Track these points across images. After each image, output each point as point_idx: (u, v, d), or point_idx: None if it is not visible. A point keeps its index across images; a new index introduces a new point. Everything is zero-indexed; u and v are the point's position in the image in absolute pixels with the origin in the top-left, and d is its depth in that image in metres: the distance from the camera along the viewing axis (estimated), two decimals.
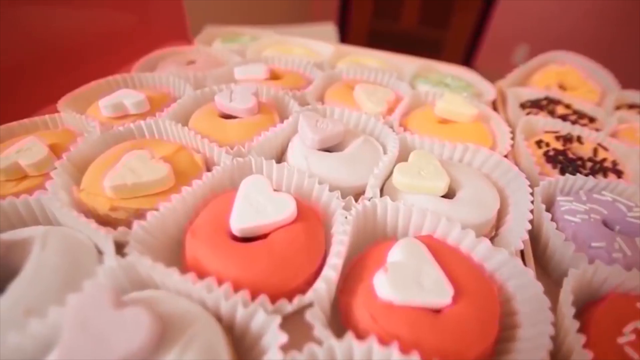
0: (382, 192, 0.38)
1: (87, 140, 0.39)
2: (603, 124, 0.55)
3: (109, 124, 0.43)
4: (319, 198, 0.35)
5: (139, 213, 0.32)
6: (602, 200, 0.37)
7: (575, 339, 0.25)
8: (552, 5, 2.07)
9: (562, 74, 0.66)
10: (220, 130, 0.42)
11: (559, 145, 0.46)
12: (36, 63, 0.62)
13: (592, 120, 0.55)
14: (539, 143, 0.46)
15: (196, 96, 0.49)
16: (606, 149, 0.46)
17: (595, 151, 0.45)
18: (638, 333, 0.26)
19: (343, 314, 0.28)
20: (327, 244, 0.32)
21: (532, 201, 0.35)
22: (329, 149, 0.41)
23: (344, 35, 2.19)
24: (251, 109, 0.44)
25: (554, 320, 0.25)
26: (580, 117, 0.54)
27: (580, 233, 0.34)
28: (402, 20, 2.21)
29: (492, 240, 0.35)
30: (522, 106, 0.58)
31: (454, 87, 0.61)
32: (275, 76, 0.58)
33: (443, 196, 0.36)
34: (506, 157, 0.43)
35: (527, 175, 0.38)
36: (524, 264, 0.30)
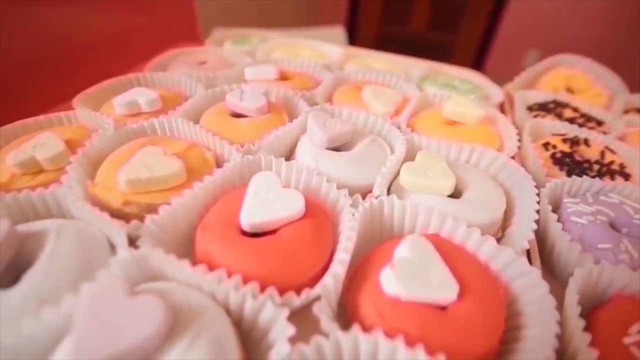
0: (389, 192, 0.38)
1: (101, 137, 0.40)
2: (611, 128, 0.55)
3: (123, 122, 0.44)
4: (327, 195, 0.35)
5: (151, 208, 0.33)
6: (609, 202, 0.37)
7: (581, 339, 0.25)
8: (562, 10, 2.06)
9: (570, 78, 0.66)
10: (230, 128, 0.43)
11: (566, 148, 0.46)
12: (50, 62, 0.63)
13: (599, 123, 0.55)
14: (545, 145, 0.46)
15: (207, 95, 0.49)
16: (614, 152, 0.46)
17: (602, 154, 0.45)
18: None
19: (349, 310, 0.28)
20: (334, 241, 0.32)
21: (538, 202, 0.35)
22: (337, 149, 0.42)
23: (353, 39, 2.20)
24: (261, 109, 0.45)
25: (559, 320, 0.25)
26: (588, 120, 0.54)
27: (586, 234, 0.34)
28: (410, 24, 2.22)
29: (498, 241, 0.35)
30: (530, 109, 0.58)
31: (462, 90, 0.61)
32: (284, 77, 0.58)
33: (449, 196, 0.36)
34: (513, 158, 0.43)
35: (533, 177, 0.39)
36: (530, 264, 0.30)
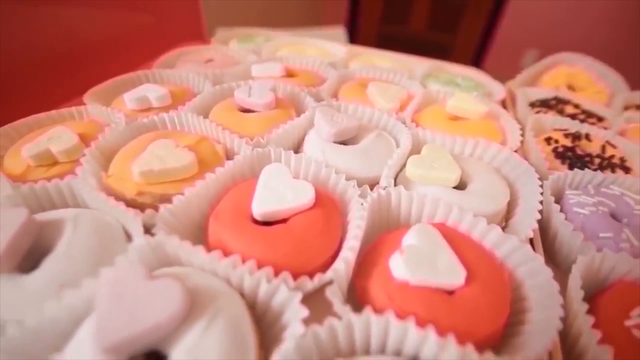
0: (396, 184, 0.39)
1: (113, 131, 0.40)
2: (611, 124, 0.56)
3: (133, 116, 0.45)
4: (335, 187, 0.36)
5: (164, 198, 0.34)
6: (610, 193, 0.38)
7: (584, 321, 0.26)
8: (562, 10, 2.07)
9: (572, 75, 0.67)
10: (239, 123, 0.44)
11: (567, 142, 0.47)
12: (58, 61, 0.64)
13: (600, 119, 0.56)
14: (547, 140, 0.47)
15: (215, 92, 0.50)
16: (614, 147, 0.47)
17: (603, 148, 0.46)
18: None
19: (359, 296, 0.29)
20: (343, 230, 0.33)
21: (541, 193, 0.36)
22: (344, 143, 0.43)
23: (354, 40, 2.21)
24: (269, 104, 0.46)
25: (563, 304, 0.26)
26: (589, 116, 0.55)
27: (588, 224, 0.35)
28: (411, 24, 2.23)
29: (502, 230, 0.36)
30: (532, 105, 0.59)
31: (465, 87, 0.62)
32: (290, 74, 0.59)
33: (454, 188, 0.37)
34: (516, 152, 0.44)
35: (536, 170, 0.39)
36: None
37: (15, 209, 0.29)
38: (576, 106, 0.58)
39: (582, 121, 0.53)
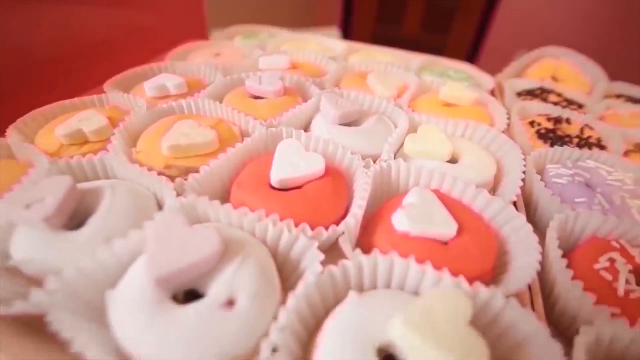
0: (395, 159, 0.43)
1: (137, 114, 0.44)
2: (591, 110, 0.61)
3: (153, 103, 0.49)
4: (342, 160, 0.40)
5: (189, 171, 0.38)
6: (586, 166, 0.43)
7: (558, 262, 0.30)
8: (553, 13, 2.14)
9: (556, 68, 0.72)
10: (251, 108, 0.48)
11: (549, 125, 0.52)
12: (69, 57, 0.69)
13: (580, 106, 0.60)
14: (531, 123, 0.52)
15: (226, 81, 0.54)
16: (592, 129, 0.52)
17: (582, 130, 0.51)
18: (612, 261, 0.32)
19: (365, 251, 0.33)
20: (349, 197, 0.37)
21: (524, 165, 0.40)
22: (347, 125, 0.47)
23: (348, 40, 2.26)
24: (278, 91, 0.50)
25: (541, 251, 0.30)
26: (570, 103, 0.60)
27: (565, 192, 0.40)
28: (404, 25, 2.29)
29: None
30: (518, 95, 0.64)
31: (456, 78, 0.66)
32: (295, 67, 0.64)
33: (447, 162, 0.42)
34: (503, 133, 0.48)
35: (520, 148, 0.44)
36: None
37: (61, 177, 0.33)
38: (559, 95, 0.63)
39: (563, 108, 0.58)
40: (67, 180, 0.32)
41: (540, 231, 0.40)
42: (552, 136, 0.49)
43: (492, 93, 0.69)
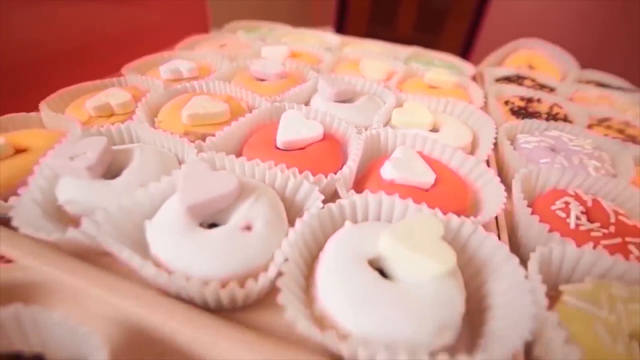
0: None
1: (155, 92, 0.50)
2: (561, 93, 0.67)
3: (168, 84, 0.55)
4: (337, 129, 0.46)
5: (204, 137, 0.43)
6: (551, 135, 0.49)
7: (520, 202, 0.36)
8: (544, 14, 2.23)
9: (531, 57, 0.79)
10: (256, 88, 0.54)
11: (522, 104, 0.58)
12: (80, 50, 0.74)
13: (552, 90, 0.67)
14: (506, 102, 0.58)
15: (232, 67, 0.60)
16: (560, 107, 0.59)
17: (551, 108, 0.57)
18: (567, 204, 0.38)
19: None
20: (344, 159, 0.43)
21: (496, 133, 0.47)
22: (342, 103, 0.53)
23: None
24: (280, 74, 0.56)
25: (506, 196, 0.36)
26: (542, 87, 0.67)
27: (532, 154, 0.46)
28: (397, 26, 2.37)
29: None
30: (497, 81, 0.71)
31: (440, 66, 0.73)
32: (294, 56, 0.69)
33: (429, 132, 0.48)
34: None
35: (496, 123, 0.50)
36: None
37: (98, 137, 0.38)
38: (533, 80, 0.69)
39: (536, 90, 0.65)
40: (103, 139, 0.38)
41: (509, 187, 0.47)
42: (523, 113, 0.56)
43: (474, 80, 0.75)
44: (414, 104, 0.50)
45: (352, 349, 0.23)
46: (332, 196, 0.39)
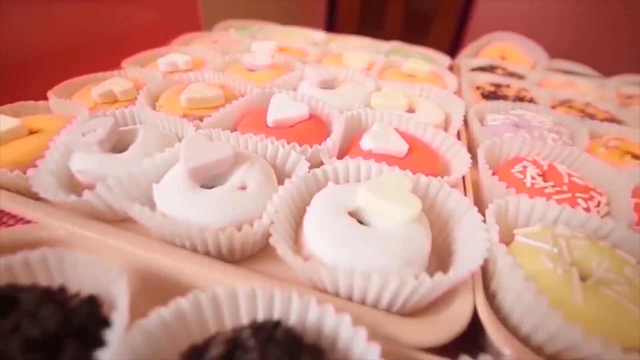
0: None
1: (154, 81, 0.54)
2: (530, 80, 0.73)
3: (166, 76, 0.59)
4: (322, 111, 0.51)
5: (201, 119, 0.48)
6: (516, 113, 0.54)
7: (484, 166, 0.41)
8: (529, 15, 2.31)
9: (503, 49, 0.85)
10: (247, 78, 0.58)
11: (492, 89, 0.63)
12: (77, 49, 0.79)
13: (521, 77, 0.73)
14: (478, 88, 0.64)
15: (224, 60, 0.65)
16: (527, 91, 0.64)
17: (518, 92, 0.63)
18: (525, 167, 0.42)
19: None
20: (328, 135, 0.48)
21: (466, 113, 0.52)
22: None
23: None
24: (270, 65, 0.60)
25: (471, 162, 0.41)
26: (512, 75, 0.72)
27: (497, 130, 0.51)
28: (385, 29, 2.43)
29: None
30: (472, 71, 0.76)
31: (418, 58, 0.78)
32: (282, 50, 0.74)
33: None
34: None
35: (468, 106, 0.55)
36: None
37: (105, 117, 0.42)
38: (504, 69, 0.75)
39: (506, 77, 0.70)
40: (110, 119, 0.42)
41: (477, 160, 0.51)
42: (493, 96, 0.61)
43: (451, 71, 0.81)
44: (390, 88, 0.55)
45: (332, 274, 0.27)
46: (317, 166, 0.44)
